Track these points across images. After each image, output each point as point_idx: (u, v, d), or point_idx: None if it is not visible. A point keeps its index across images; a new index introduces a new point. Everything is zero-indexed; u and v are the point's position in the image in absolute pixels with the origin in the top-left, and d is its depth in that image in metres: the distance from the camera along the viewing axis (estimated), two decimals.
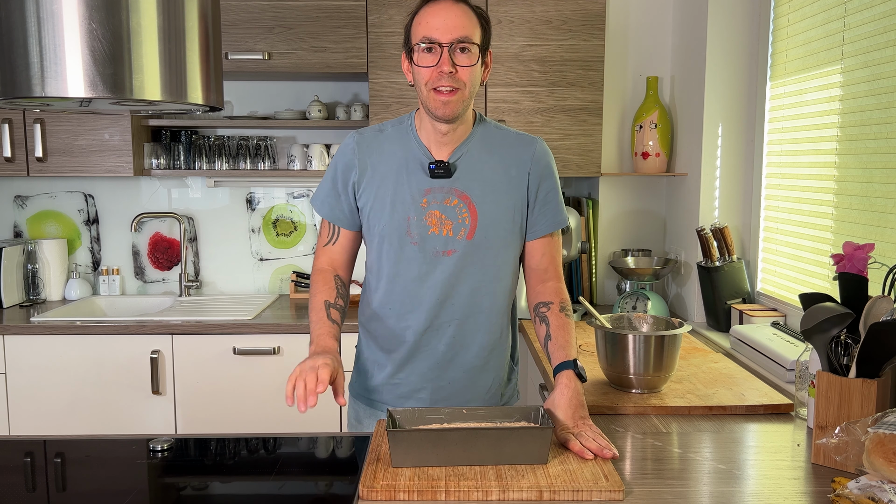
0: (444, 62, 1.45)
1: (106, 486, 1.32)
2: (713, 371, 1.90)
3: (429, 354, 1.62)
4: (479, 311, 1.60)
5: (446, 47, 1.45)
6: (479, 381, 1.65)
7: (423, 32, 1.46)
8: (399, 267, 1.58)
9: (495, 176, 1.58)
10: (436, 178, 1.55)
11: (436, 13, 1.46)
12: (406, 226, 1.56)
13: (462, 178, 1.56)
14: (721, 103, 2.62)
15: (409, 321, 1.60)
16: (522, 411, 1.40)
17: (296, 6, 2.76)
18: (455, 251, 1.56)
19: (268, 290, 3.24)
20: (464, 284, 1.58)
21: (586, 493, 1.20)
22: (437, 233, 1.56)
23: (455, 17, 1.45)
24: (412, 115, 1.62)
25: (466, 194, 1.56)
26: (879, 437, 1.17)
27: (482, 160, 1.58)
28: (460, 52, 1.46)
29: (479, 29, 1.50)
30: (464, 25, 1.46)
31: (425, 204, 1.56)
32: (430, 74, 1.47)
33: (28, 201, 3.17)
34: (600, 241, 3.04)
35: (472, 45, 1.47)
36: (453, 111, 1.49)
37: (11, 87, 1.18)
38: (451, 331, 1.60)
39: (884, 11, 1.83)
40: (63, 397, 2.64)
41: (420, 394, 1.64)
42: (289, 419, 2.66)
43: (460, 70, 1.46)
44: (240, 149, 3.03)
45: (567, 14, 2.75)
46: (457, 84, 1.46)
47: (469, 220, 1.56)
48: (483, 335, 1.62)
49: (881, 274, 1.60)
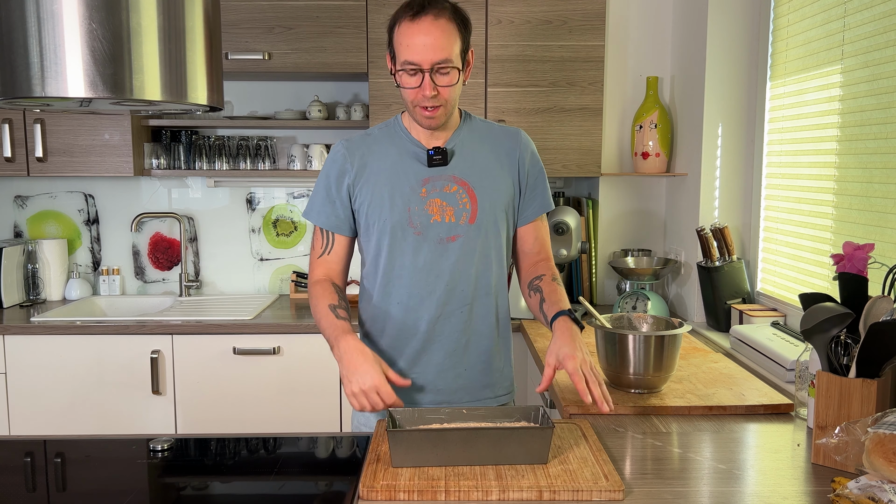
0: (427, 86, 1.51)
1: (106, 486, 1.32)
2: (713, 371, 1.90)
3: (443, 343, 1.64)
4: (485, 294, 1.65)
5: (427, 72, 1.50)
6: (494, 363, 1.69)
7: (404, 56, 1.50)
8: (404, 259, 1.61)
9: (488, 162, 1.64)
10: (433, 165, 1.61)
11: (416, 34, 1.49)
12: (408, 216, 1.60)
13: (458, 165, 1.62)
14: (721, 103, 2.62)
15: (420, 312, 1.63)
16: (522, 411, 1.40)
17: (296, 6, 2.76)
18: (459, 236, 1.61)
19: (268, 290, 3.24)
20: (470, 268, 1.62)
21: (586, 493, 1.20)
22: (440, 220, 1.60)
23: (434, 41, 1.48)
24: (398, 117, 1.69)
25: (464, 180, 1.62)
26: (879, 437, 1.17)
27: (474, 148, 1.65)
28: (441, 75, 1.51)
29: (459, 39, 1.53)
30: (443, 47, 1.49)
31: (425, 193, 1.60)
32: (414, 95, 1.53)
33: (28, 201, 3.17)
34: (600, 241, 3.04)
35: (452, 67, 1.52)
36: (438, 122, 1.58)
37: (11, 87, 1.18)
38: (463, 316, 1.64)
39: (884, 11, 1.83)
40: (63, 397, 2.64)
41: (438, 384, 1.66)
42: (289, 419, 2.66)
43: (442, 90, 1.53)
44: (240, 149, 3.03)
45: (567, 14, 2.75)
46: (439, 102, 1.54)
47: (470, 205, 1.61)
48: (490, 317, 1.67)
49: (881, 274, 1.60)
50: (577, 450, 1.36)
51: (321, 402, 2.67)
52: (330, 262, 1.68)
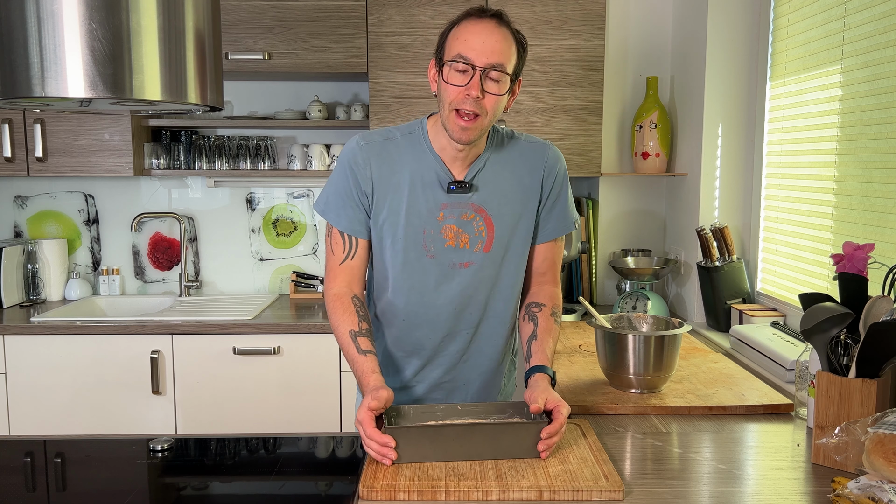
0: (474, 86, 1.40)
1: (106, 486, 1.32)
2: (713, 371, 1.90)
3: (444, 361, 1.62)
4: (493, 315, 1.61)
5: (479, 71, 1.40)
6: (492, 382, 1.67)
7: (459, 49, 1.40)
8: (414, 279, 1.56)
9: (510, 187, 1.56)
10: (453, 192, 1.53)
11: (477, 32, 1.40)
12: (422, 239, 1.54)
13: (479, 193, 1.54)
14: (721, 103, 2.62)
15: (426, 330, 1.59)
16: (515, 407, 1.42)
17: (296, 6, 2.76)
18: (472, 263, 1.56)
19: (268, 290, 3.24)
20: (480, 293, 1.58)
21: (586, 493, 1.20)
22: (454, 246, 1.54)
23: (495, 42, 1.40)
24: (423, 122, 1.57)
25: (483, 208, 1.54)
26: (879, 437, 1.17)
27: (497, 172, 1.56)
28: (491, 80, 1.41)
29: (515, 56, 1.44)
30: (502, 51, 1.40)
31: (442, 218, 1.53)
32: (456, 94, 1.42)
33: (28, 201, 3.17)
34: (600, 241, 3.04)
35: (505, 74, 1.42)
36: (470, 137, 1.45)
37: (11, 87, 1.18)
38: (468, 336, 1.61)
39: (884, 11, 1.83)
40: (63, 397, 2.64)
41: (433, 394, 1.65)
42: (289, 419, 2.66)
43: (487, 98, 1.41)
44: (240, 149, 3.03)
45: (567, 14, 2.75)
46: (479, 110, 1.42)
47: (486, 233, 1.55)
48: (497, 339, 1.64)
49: (881, 274, 1.60)
50: (577, 450, 1.36)
51: (321, 402, 2.67)
52: (354, 268, 1.57)
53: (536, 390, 1.39)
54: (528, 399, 1.39)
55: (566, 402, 1.36)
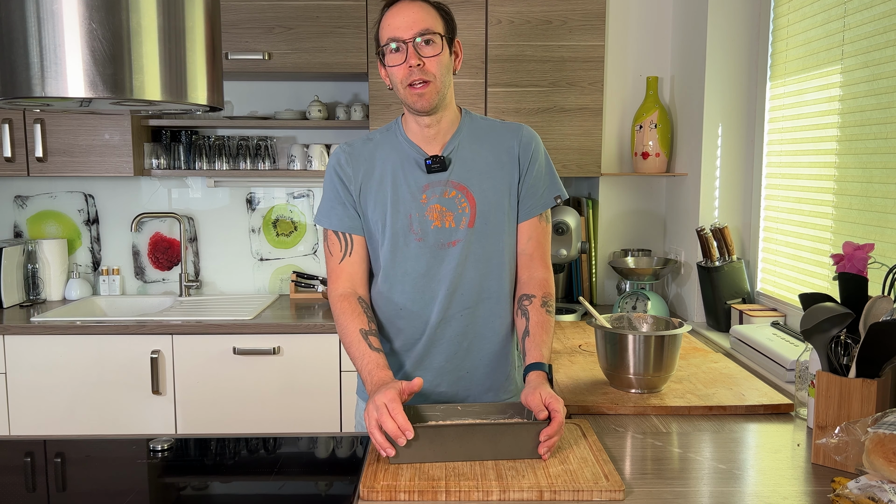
0: (412, 56, 1.49)
1: (106, 486, 1.32)
2: (713, 371, 1.90)
3: (444, 347, 1.62)
4: (488, 297, 1.62)
5: (410, 43, 1.49)
6: (498, 368, 1.66)
7: (387, 34, 1.51)
8: (406, 265, 1.60)
9: (487, 163, 1.61)
10: (432, 172, 1.59)
11: (396, 13, 1.51)
12: (409, 223, 1.58)
13: (457, 170, 1.60)
14: (721, 103, 2.62)
15: (422, 316, 1.61)
16: (516, 407, 1.42)
17: (296, 6, 2.76)
18: (459, 241, 1.59)
19: (268, 290, 3.24)
20: (471, 272, 1.60)
21: (587, 493, 1.20)
22: (440, 226, 1.58)
23: (414, 13, 1.50)
24: (398, 120, 1.66)
25: (463, 184, 1.59)
26: (879, 437, 1.17)
27: (473, 150, 1.62)
28: (424, 45, 1.50)
29: (441, 20, 1.54)
30: (423, 19, 1.50)
31: (425, 200, 1.58)
32: (401, 72, 1.51)
33: (28, 201, 3.17)
34: (600, 241, 3.04)
35: (435, 34, 1.51)
36: (429, 102, 1.53)
37: (11, 87, 1.18)
38: (464, 320, 1.61)
39: (884, 11, 1.83)
40: (63, 397, 2.64)
41: (439, 388, 1.64)
42: (289, 419, 2.66)
43: (427, 62, 1.50)
44: (240, 149, 3.03)
45: (567, 14, 2.75)
46: (427, 76, 1.50)
47: (469, 209, 1.59)
48: (495, 321, 1.63)
49: (881, 274, 1.60)
50: (578, 450, 1.36)
51: (321, 402, 2.67)
52: (353, 265, 1.62)
53: (532, 389, 1.40)
54: (525, 401, 1.39)
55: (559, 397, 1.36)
